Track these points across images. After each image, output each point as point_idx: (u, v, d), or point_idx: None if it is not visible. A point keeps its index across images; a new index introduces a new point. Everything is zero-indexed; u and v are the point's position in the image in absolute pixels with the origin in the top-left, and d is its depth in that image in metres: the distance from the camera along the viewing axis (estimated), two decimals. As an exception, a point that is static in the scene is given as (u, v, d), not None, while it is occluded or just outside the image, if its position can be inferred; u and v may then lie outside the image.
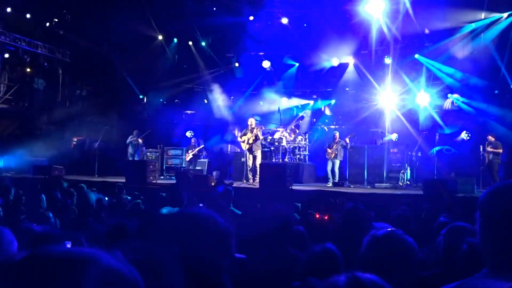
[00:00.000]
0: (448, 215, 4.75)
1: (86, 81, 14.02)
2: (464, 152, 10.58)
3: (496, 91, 11.14)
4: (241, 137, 10.13)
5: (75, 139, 12.65)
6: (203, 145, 12.40)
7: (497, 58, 10.50)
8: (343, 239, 2.59)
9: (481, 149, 9.23)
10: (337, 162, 10.33)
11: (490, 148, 9.13)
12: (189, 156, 11.98)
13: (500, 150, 9.11)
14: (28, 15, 12.86)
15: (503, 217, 1.02)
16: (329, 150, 10.47)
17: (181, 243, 1.02)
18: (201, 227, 1.05)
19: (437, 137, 9.53)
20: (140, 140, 12.08)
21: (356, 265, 1.50)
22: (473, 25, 10.89)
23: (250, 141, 9.87)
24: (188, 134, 12.77)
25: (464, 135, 10.14)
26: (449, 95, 11.64)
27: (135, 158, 11.82)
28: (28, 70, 13.91)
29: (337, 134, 10.65)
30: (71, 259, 0.60)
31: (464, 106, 11.37)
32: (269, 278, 2.19)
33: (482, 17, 10.70)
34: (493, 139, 9.23)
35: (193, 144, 12.23)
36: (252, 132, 9.85)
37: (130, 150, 12.13)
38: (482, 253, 1.10)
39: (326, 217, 4.54)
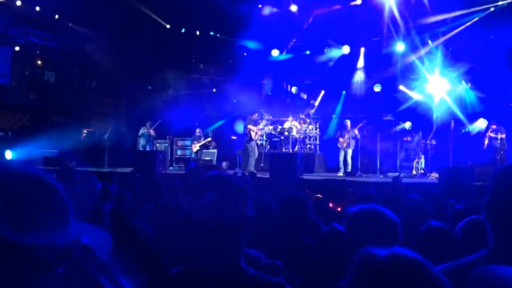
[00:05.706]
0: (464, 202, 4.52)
1: (95, 73, 14.05)
2: (480, 140, 10.24)
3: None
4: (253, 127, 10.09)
5: (85, 131, 12.70)
6: (210, 138, 12.27)
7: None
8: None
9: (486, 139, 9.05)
10: (349, 152, 10.12)
11: (493, 134, 9.04)
12: (195, 147, 11.88)
13: (503, 135, 8.96)
14: (37, 8, 12.86)
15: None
16: (341, 139, 10.24)
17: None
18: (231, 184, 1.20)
19: (452, 124, 9.24)
20: (152, 132, 11.97)
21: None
22: (492, 9, 10.46)
23: (260, 133, 9.90)
24: (197, 129, 12.67)
25: (481, 123, 9.80)
26: (463, 82, 11.25)
27: (147, 150, 11.76)
28: (39, 62, 13.98)
29: (349, 123, 10.40)
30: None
31: (478, 94, 10.98)
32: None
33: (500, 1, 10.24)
34: (494, 126, 9.21)
35: (198, 135, 12.13)
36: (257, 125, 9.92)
37: (142, 141, 12.03)
38: (487, 228, 1.10)
39: (339, 208, 4.35)
